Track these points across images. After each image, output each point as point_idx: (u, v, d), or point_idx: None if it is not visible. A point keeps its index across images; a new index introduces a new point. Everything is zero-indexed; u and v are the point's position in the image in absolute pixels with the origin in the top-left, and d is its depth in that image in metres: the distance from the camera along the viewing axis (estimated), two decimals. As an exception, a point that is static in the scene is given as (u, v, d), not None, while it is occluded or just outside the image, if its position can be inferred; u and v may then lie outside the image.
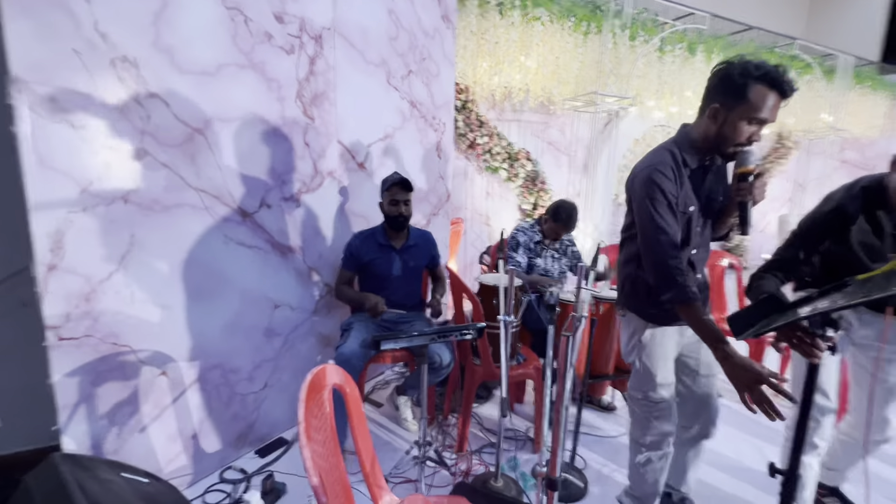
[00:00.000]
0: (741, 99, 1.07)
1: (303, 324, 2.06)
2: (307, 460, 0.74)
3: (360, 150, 2.26)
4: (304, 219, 1.99)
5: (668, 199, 1.17)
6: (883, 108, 5.83)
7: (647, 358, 1.36)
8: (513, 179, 4.53)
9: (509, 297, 1.54)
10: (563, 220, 2.20)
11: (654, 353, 1.35)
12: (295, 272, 1.98)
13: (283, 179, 1.88)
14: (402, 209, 1.97)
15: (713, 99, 1.14)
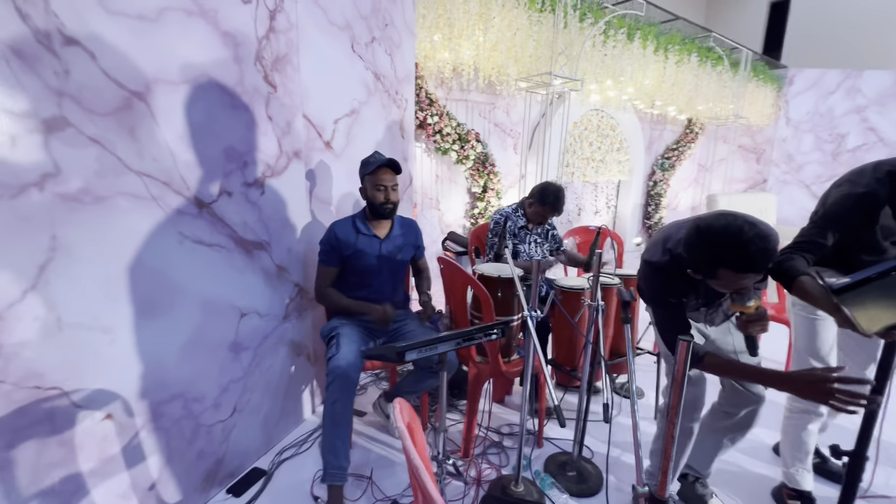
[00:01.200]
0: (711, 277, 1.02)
1: (273, 332, 1.74)
2: None
3: (327, 127, 1.95)
4: (270, 208, 1.67)
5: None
6: (771, 98, 6.64)
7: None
8: (463, 162, 4.39)
9: (534, 289, 1.41)
10: (551, 203, 2.12)
11: None
12: (262, 273, 1.66)
13: (246, 160, 1.53)
14: (390, 195, 1.73)
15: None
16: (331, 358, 1.53)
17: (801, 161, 6.93)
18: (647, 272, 1.20)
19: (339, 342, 1.58)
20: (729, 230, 0.94)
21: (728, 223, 0.95)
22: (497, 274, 1.72)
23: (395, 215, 1.81)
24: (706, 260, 0.97)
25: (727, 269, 0.93)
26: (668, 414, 0.89)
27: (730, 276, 0.94)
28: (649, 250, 1.21)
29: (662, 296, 1.16)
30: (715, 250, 0.95)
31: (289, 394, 1.90)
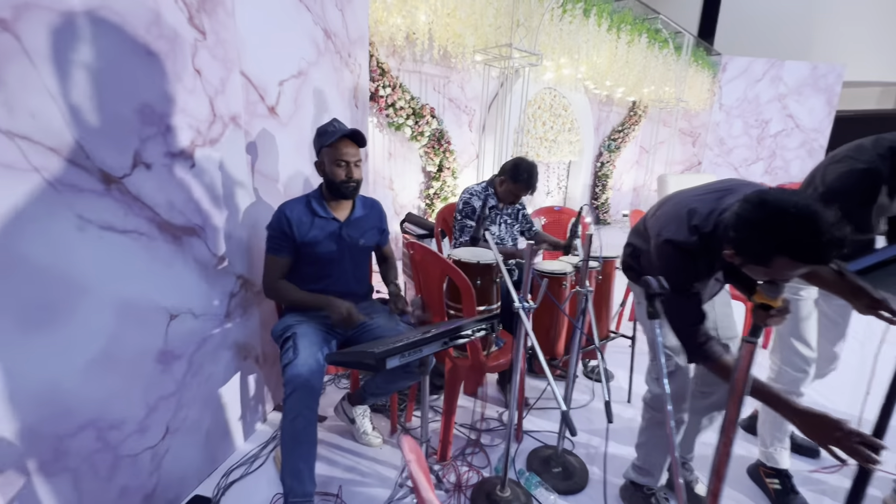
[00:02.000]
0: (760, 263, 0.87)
1: (212, 335, 1.46)
2: None
3: (270, 89, 1.64)
4: (203, 185, 1.36)
5: None
6: (707, 84, 6.97)
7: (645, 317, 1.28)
8: (418, 139, 4.14)
9: (526, 277, 1.25)
10: (525, 181, 1.97)
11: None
12: (196, 263, 1.36)
13: (168, 124, 1.22)
14: (353, 171, 1.49)
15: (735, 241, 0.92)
16: (287, 365, 1.28)
17: (731, 145, 7.40)
18: (670, 254, 1.05)
19: (297, 344, 1.34)
20: (805, 213, 0.78)
21: (804, 204, 0.79)
22: (476, 260, 1.55)
23: (357, 195, 1.57)
24: (768, 243, 0.82)
25: (788, 256, 0.80)
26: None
27: (785, 266, 0.82)
28: (668, 228, 1.07)
29: (685, 281, 1.04)
30: (784, 234, 0.80)
31: (235, 404, 1.62)
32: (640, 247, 1.30)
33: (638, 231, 1.32)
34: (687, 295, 1.04)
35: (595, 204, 7.24)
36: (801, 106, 7.28)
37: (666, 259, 1.07)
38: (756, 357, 0.76)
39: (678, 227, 1.04)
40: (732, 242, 0.89)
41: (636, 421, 1.94)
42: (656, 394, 1.32)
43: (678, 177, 4.30)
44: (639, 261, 1.31)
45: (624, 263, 1.38)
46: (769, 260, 0.82)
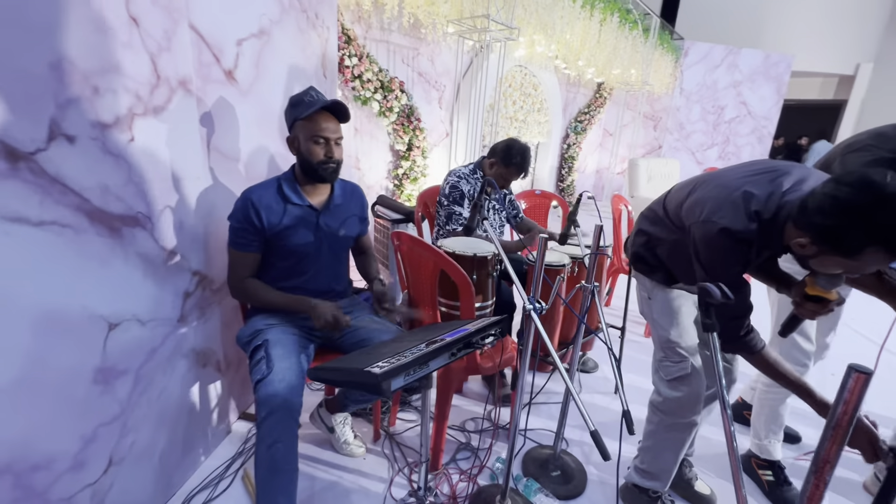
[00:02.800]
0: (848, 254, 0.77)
1: (164, 343, 1.23)
2: None
3: (227, 49, 1.38)
4: (146, 163, 1.11)
5: None
6: (670, 68, 7.06)
7: (660, 316, 1.24)
8: (386, 115, 3.88)
9: (537, 274, 1.12)
10: (517, 164, 1.82)
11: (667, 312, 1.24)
12: (140, 260, 1.12)
13: (95, 85, 0.96)
14: (334, 150, 1.27)
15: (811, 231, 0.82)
16: (260, 381, 1.08)
17: (690, 129, 7.61)
18: (723, 243, 0.91)
19: (270, 355, 1.14)
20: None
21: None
22: (472, 252, 1.40)
23: (337, 179, 1.36)
24: (868, 232, 0.71)
25: (885, 248, 0.70)
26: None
27: (876, 258, 0.71)
28: (720, 214, 0.92)
29: (738, 273, 0.93)
30: (887, 219, 0.68)
31: (194, 419, 1.41)
32: (656, 236, 1.19)
33: (654, 218, 1.20)
34: (738, 286, 0.93)
35: (561, 186, 7.26)
36: (753, 93, 7.57)
37: (717, 249, 0.93)
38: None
39: (734, 212, 0.91)
40: (814, 230, 0.77)
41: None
42: (669, 397, 1.25)
43: (648, 160, 4.33)
44: (654, 252, 1.21)
45: (635, 255, 1.27)
46: (860, 251, 0.72)
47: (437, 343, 0.92)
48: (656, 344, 1.30)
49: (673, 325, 1.23)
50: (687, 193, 1.06)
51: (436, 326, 1.19)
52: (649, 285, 1.27)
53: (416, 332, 1.17)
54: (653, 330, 1.30)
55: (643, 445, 1.36)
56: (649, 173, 4.35)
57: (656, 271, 1.22)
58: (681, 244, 1.07)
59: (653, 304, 1.26)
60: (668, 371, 1.24)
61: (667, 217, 1.14)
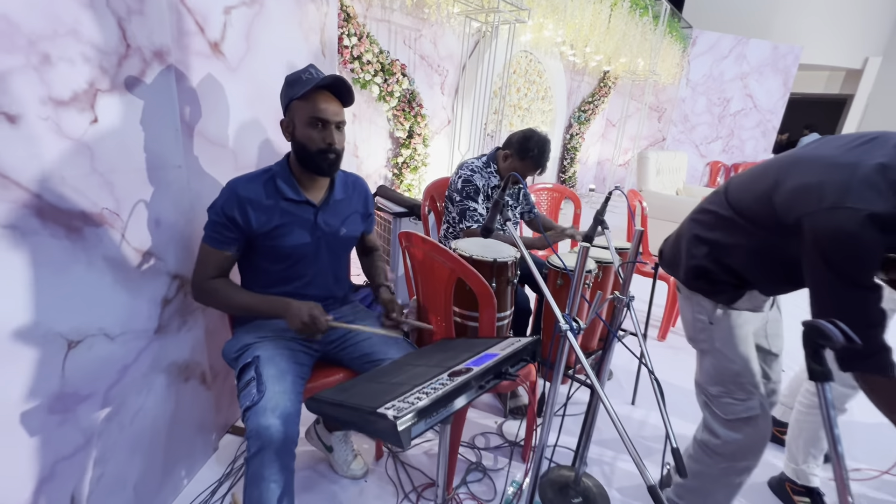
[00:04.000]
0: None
1: (138, 359, 1.06)
2: None
3: (213, 17, 1.19)
4: (113, 150, 0.93)
5: None
6: (677, 58, 6.87)
7: (724, 345, 1.05)
8: (386, 99, 3.67)
9: (575, 288, 0.96)
10: (534, 158, 1.65)
11: (733, 338, 1.05)
12: (107, 264, 0.95)
13: (45, 53, 0.78)
14: (334, 137, 1.10)
15: None
16: (250, 409, 0.93)
17: (695, 122, 7.45)
18: (866, 235, 0.72)
19: (261, 376, 0.98)
20: None
21: None
22: (492, 257, 1.24)
23: (337, 170, 1.19)
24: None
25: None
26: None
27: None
28: (855, 196, 0.74)
29: (872, 268, 0.75)
30: None
31: (175, 440, 1.25)
32: (723, 242, 0.99)
33: (715, 222, 1.01)
34: (871, 286, 0.76)
35: (562, 178, 7.10)
36: (759, 86, 7.41)
37: (854, 243, 0.74)
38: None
39: (874, 192, 0.72)
40: None
41: (643, 425, 1.79)
42: (728, 440, 1.07)
43: (657, 153, 4.16)
44: (721, 263, 1.01)
45: (694, 270, 1.06)
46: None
47: (463, 376, 0.76)
48: (710, 377, 1.11)
49: (740, 356, 1.05)
50: (772, 184, 0.87)
51: (453, 345, 1.03)
52: (710, 308, 1.06)
53: (431, 351, 1.01)
54: (708, 361, 1.11)
55: (687, 485, 1.20)
56: (658, 166, 4.20)
57: (722, 289, 1.03)
58: (769, 247, 0.90)
59: (714, 332, 1.06)
60: (730, 410, 1.07)
61: (739, 216, 0.95)
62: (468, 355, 0.88)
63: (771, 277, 0.96)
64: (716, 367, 1.08)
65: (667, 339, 2.55)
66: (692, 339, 1.14)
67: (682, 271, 1.10)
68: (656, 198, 3.71)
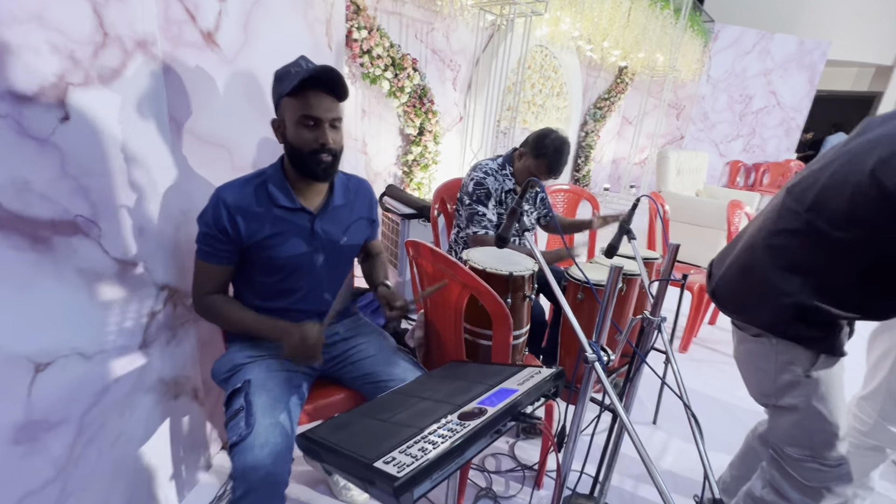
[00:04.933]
0: None
1: (119, 379, 0.97)
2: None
3: (206, 6, 1.09)
4: (88, 151, 0.84)
5: None
6: (697, 53, 6.64)
7: (820, 401, 0.89)
8: (397, 95, 3.56)
9: (603, 312, 0.84)
10: (548, 158, 1.53)
11: (832, 392, 0.89)
12: (82, 277, 0.85)
13: (6, 42, 0.68)
14: (329, 136, 0.99)
15: None
16: (238, 444, 0.83)
17: (715, 120, 7.21)
18: None
19: (251, 405, 0.89)
20: None
21: None
22: (507, 270, 1.13)
23: (336, 173, 1.08)
24: None
25: None
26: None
27: None
28: None
29: None
30: None
31: (164, 461, 1.17)
32: (826, 265, 0.83)
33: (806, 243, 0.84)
34: None
35: (576, 176, 6.93)
36: (784, 82, 7.13)
37: None
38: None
39: None
40: None
41: (666, 450, 1.66)
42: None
43: (678, 152, 3.99)
44: (827, 293, 0.84)
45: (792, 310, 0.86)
46: None
47: (475, 420, 0.66)
48: (791, 438, 0.95)
49: (838, 414, 0.90)
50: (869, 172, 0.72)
51: (463, 371, 0.92)
52: (807, 358, 0.89)
53: (440, 377, 0.91)
54: (790, 419, 0.95)
55: None
56: (678, 166, 4.03)
57: (827, 331, 0.86)
58: (888, 251, 0.75)
59: (811, 387, 0.90)
60: (814, 476, 0.92)
61: (833, 226, 0.79)
62: (481, 389, 0.77)
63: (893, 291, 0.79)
64: (803, 426, 0.92)
65: (689, 351, 2.41)
66: (768, 395, 0.97)
67: (766, 315, 0.91)
68: (676, 199, 3.55)
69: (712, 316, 2.77)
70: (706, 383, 2.13)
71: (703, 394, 2.04)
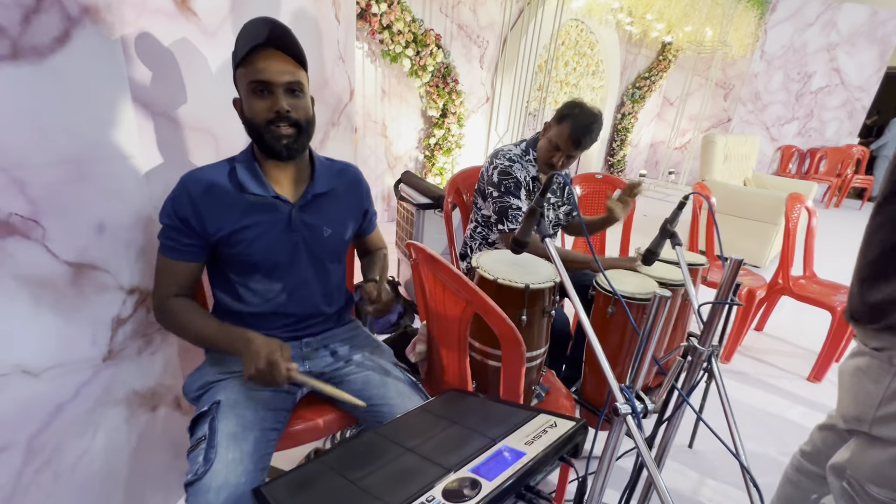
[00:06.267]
0: None
1: (78, 395, 0.87)
2: None
3: (178, -35, 0.94)
4: (20, 139, 0.71)
5: None
6: (752, 27, 6.05)
7: None
8: (419, 74, 3.36)
9: (641, 348, 0.66)
10: (575, 121, 1.29)
11: None
12: (23, 284, 0.74)
13: None
14: (283, 103, 0.83)
15: None
16: (192, 483, 0.71)
17: (767, 101, 6.61)
18: None
19: (215, 433, 0.76)
20: None
21: None
22: (524, 282, 0.95)
23: (310, 155, 0.93)
24: None
25: None
26: None
27: None
28: None
29: None
30: None
31: (140, 476, 1.07)
32: None
33: None
34: None
35: (610, 161, 6.55)
36: (850, 59, 6.43)
37: None
38: None
39: None
40: None
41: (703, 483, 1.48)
42: None
43: (726, 137, 3.62)
44: None
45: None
46: None
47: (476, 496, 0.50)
48: (881, 476, 0.80)
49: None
50: None
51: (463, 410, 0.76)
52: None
53: (433, 419, 0.75)
54: (892, 457, 0.79)
55: None
56: (726, 152, 3.66)
57: None
58: None
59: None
60: None
61: None
62: (478, 446, 0.61)
63: None
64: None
65: (731, 361, 2.17)
66: (863, 421, 0.80)
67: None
68: (723, 189, 3.22)
69: (760, 321, 2.49)
70: (751, 398, 1.90)
71: (745, 412, 1.81)
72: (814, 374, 2.06)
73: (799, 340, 2.44)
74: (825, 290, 2.14)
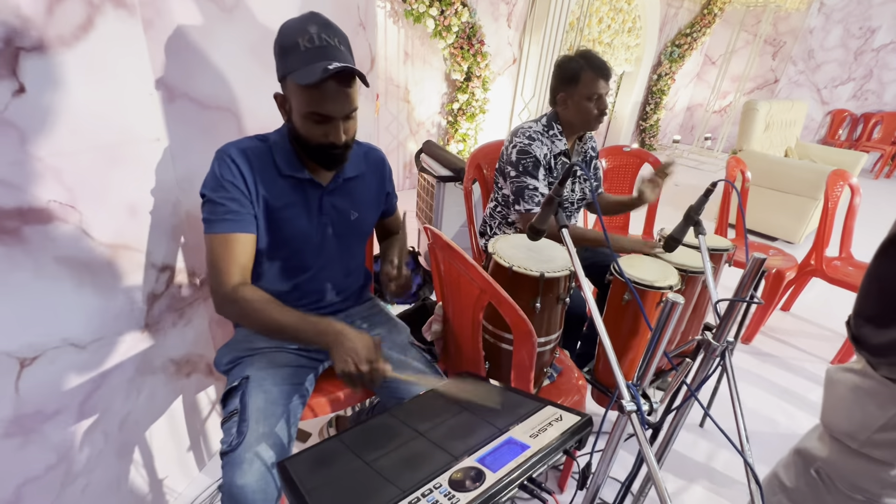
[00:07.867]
0: None
1: (120, 365, 0.94)
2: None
3: (194, -61, 0.91)
4: (53, 127, 0.74)
5: None
6: (811, -25, 5.48)
7: None
8: (443, 35, 3.23)
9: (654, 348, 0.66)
10: (585, 62, 1.25)
11: None
12: (64, 266, 0.79)
13: (-79, -1, 0.56)
14: (340, 135, 0.83)
15: None
16: (227, 454, 0.77)
17: (821, 59, 6.09)
18: None
19: (246, 408, 0.82)
20: None
21: None
22: (539, 270, 0.95)
23: (346, 161, 0.92)
24: None
25: None
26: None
27: None
28: None
29: None
30: None
31: (179, 436, 1.18)
32: None
33: None
34: None
35: (642, 126, 6.25)
36: (922, 11, 5.78)
37: None
38: None
39: None
40: None
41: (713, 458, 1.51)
42: None
43: (769, 103, 3.38)
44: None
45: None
46: None
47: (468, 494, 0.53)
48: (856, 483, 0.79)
49: None
50: None
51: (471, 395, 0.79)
52: None
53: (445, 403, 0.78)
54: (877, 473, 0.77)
55: None
56: (768, 119, 3.43)
57: None
58: None
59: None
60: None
61: None
62: (485, 434, 0.64)
63: None
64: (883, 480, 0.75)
65: (753, 342, 2.14)
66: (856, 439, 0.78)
67: None
68: (760, 160, 3.05)
69: (787, 301, 2.43)
70: (770, 384, 1.89)
71: (764, 398, 1.80)
72: (838, 358, 2.01)
73: (827, 322, 2.37)
74: (860, 274, 2.05)
